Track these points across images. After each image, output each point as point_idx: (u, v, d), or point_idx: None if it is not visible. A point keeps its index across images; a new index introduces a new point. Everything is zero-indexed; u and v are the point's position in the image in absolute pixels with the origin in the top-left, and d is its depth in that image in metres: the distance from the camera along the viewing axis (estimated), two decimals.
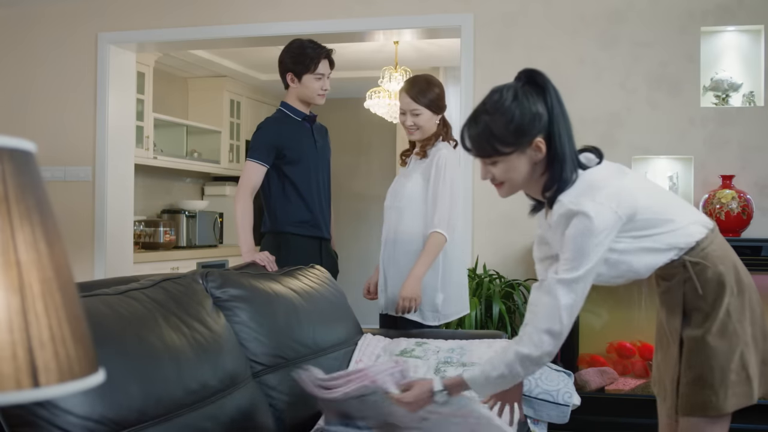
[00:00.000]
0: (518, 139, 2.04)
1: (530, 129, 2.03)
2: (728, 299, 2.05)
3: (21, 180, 0.88)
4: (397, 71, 6.51)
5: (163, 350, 1.99)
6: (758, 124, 4.56)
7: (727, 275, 2.07)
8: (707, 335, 2.04)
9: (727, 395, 2.02)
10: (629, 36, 4.72)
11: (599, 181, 2.07)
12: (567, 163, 2.06)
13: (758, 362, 2.06)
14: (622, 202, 2.02)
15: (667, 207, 2.14)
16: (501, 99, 2.07)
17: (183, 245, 6.99)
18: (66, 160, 5.55)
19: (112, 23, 5.54)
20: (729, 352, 2.03)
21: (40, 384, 0.84)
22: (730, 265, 2.09)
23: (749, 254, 4.19)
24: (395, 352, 3.07)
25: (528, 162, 2.07)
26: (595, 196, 2.01)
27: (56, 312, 0.88)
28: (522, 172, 2.09)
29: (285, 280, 2.98)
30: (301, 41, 3.74)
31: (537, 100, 2.06)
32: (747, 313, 2.07)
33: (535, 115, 2.04)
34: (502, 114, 2.04)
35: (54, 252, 0.91)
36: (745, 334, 2.05)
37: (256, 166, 3.61)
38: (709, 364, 2.04)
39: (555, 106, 2.06)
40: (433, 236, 3.44)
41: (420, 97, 3.56)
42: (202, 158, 7.60)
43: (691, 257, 2.08)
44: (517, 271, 4.78)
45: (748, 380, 2.03)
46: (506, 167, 2.09)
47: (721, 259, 2.09)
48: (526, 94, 2.06)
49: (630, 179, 2.16)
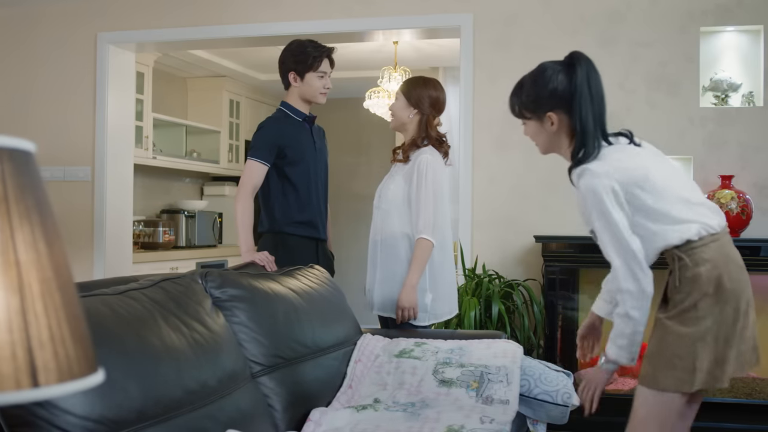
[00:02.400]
0: (535, 110, 2.43)
1: (544, 104, 2.40)
2: (697, 297, 2.26)
3: (20, 180, 0.88)
4: (396, 71, 6.51)
5: (162, 350, 1.99)
6: (757, 125, 4.56)
7: (704, 277, 2.26)
8: (668, 320, 2.30)
9: (666, 375, 2.27)
10: (628, 36, 4.72)
11: (607, 155, 2.34)
12: (588, 138, 2.34)
13: (710, 360, 2.25)
14: (623, 169, 2.29)
15: (674, 199, 2.32)
16: (535, 73, 2.46)
17: (182, 245, 6.99)
18: (65, 160, 5.55)
19: (111, 23, 5.54)
20: (681, 340, 2.26)
21: (39, 384, 0.84)
22: (715, 270, 2.27)
23: (748, 254, 4.19)
24: (394, 353, 3.08)
25: (545, 130, 2.45)
26: (598, 166, 2.30)
27: (56, 312, 0.88)
28: (542, 137, 2.47)
29: (284, 280, 2.98)
30: (300, 41, 3.75)
31: (564, 80, 2.38)
32: (716, 315, 2.25)
33: (552, 92, 2.39)
34: (530, 86, 2.45)
35: (53, 252, 0.91)
36: (705, 331, 2.25)
37: (257, 165, 3.60)
38: (661, 344, 2.30)
39: (582, 86, 2.36)
40: (420, 243, 3.47)
41: (403, 84, 3.69)
42: (202, 158, 7.60)
43: (679, 252, 2.30)
44: (516, 271, 4.78)
45: (692, 370, 2.24)
46: (531, 131, 2.50)
47: (708, 262, 2.27)
48: (556, 73, 2.40)
49: (650, 160, 2.39)
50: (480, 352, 3.03)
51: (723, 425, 4.10)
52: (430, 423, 2.51)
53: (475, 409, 2.68)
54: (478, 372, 2.90)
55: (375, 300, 3.64)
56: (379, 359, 3.07)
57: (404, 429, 2.47)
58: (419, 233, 3.46)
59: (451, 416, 2.58)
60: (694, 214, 2.32)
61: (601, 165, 2.31)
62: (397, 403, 2.77)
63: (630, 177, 2.30)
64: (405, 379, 2.92)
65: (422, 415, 2.62)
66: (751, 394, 4.15)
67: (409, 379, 2.91)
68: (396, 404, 2.76)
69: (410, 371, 2.94)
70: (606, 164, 2.31)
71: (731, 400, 4.14)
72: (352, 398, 2.87)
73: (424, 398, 2.81)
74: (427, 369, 2.94)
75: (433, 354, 3.03)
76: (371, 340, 3.23)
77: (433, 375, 2.92)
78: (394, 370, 2.98)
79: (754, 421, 4.10)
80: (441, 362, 2.97)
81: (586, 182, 2.30)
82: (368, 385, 2.95)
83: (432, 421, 2.53)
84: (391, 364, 3.01)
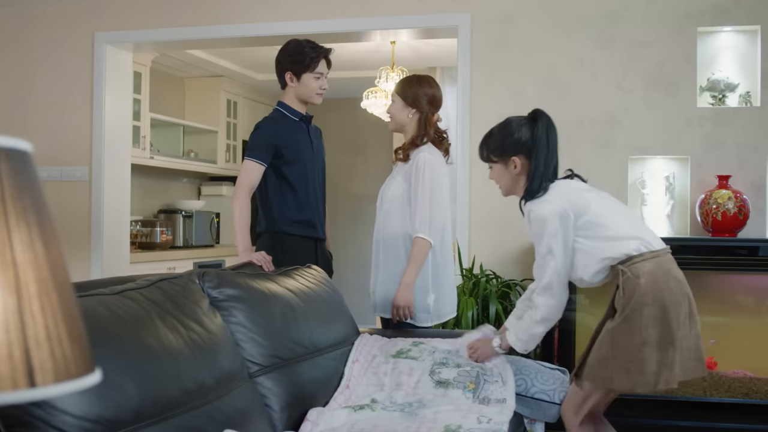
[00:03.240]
0: (501, 154, 2.89)
1: (509, 149, 2.86)
2: (640, 305, 2.58)
3: (17, 180, 0.88)
4: (393, 71, 6.51)
5: (159, 350, 1.99)
6: (755, 125, 4.56)
7: (645, 288, 2.59)
8: (617, 329, 2.62)
9: (621, 378, 2.60)
10: (626, 36, 4.73)
11: (556, 187, 2.79)
12: (537, 179, 2.79)
13: (657, 362, 2.56)
14: (572, 200, 2.73)
15: (614, 220, 2.74)
16: (503, 125, 2.91)
17: (179, 245, 6.98)
18: (62, 160, 5.55)
19: (108, 23, 5.54)
20: (630, 346, 2.58)
21: (36, 384, 0.84)
22: (652, 282, 2.60)
23: (746, 254, 4.20)
24: (391, 353, 3.08)
25: (508, 172, 2.89)
26: (548, 197, 2.76)
27: (53, 312, 0.88)
28: (506, 179, 2.91)
29: (282, 280, 2.98)
30: (298, 41, 3.75)
31: (527, 132, 2.83)
32: (657, 322, 2.56)
33: (517, 141, 2.84)
34: (497, 135, 2.91)
35: (50, 252, 0.90)
36: (649, 337, 2.56)
37: (255, 165, 3.60)
38: (612, 351, 2.61)
39: (541, 138, 2.80)
40: (416, 242, 3.47)
41: (398, 85, 3.68)
42: (199, 158, 7.59)
43: (622, 266, 2.65)
44: (513, 271, 4.78)
45: (640, 372, 2.56)
46: (496, 173, 2.95)
47: (647, 275, 2.60)
48: (521, 126, 2.85)
49: (592, 193, 2.82)
50: None
51: (720, 425, 4.11)
52: (427, 423, 2.51)
53: (472, 409, 2.69)
54: (474, 372, 2.90)
55: (377, 301, 3.65)
56: (376, 359, 3.07)
57: (401, 429, 2.47)
58: (416, 232, 3.46)
59: (448, 416, 2.59)
60: (634, 233, 2.70)
61: (550, 196, 2.76)
62: (394, 403, 2.77)
63: (575, 203, 2.73)
64: (402, 380, 2.92)
65: (419, 415, 2.62)
66: (748, 394, 4.15)
67: (406, 380, 2.91)
68: (393, 404, 2.76)
69: (407, 372, 2.94)
70: (554, 195, 2.76)
71: (728, 399, 4.14)
72: (349, 398, 2.87)
73: (422, 398, 2.81)
74: (423, 369, 2.94)
75: (429, 354, 3.03)
76: (369, 340, 3.23)
77: (430, 376, 2.92)
78: (391, 370, 2.98)
79: (751, 421, 4.10)
80: (438, 362, 2.97)
81: (536, 210, 2.74)
82: (365, 386, 2.95)
83: (429, 421, 2.53)
84: (388, 365, 3.01)
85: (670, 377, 2.56)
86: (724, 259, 4.23)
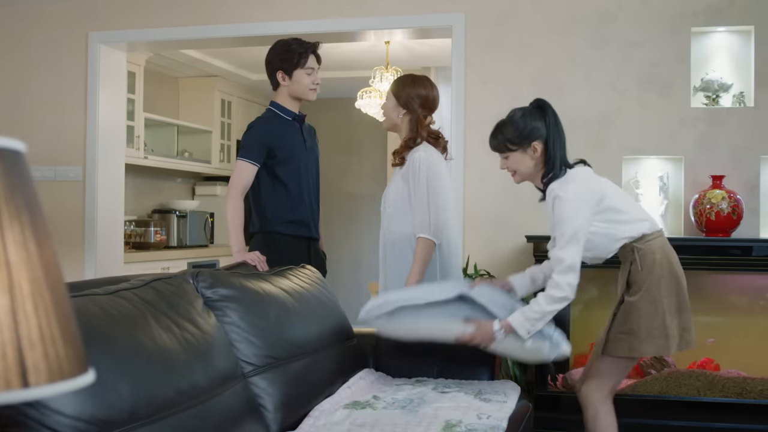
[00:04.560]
0: (520, 142, 2.99)
1: (528, 136, 2.98)
2: (658, 277, 2.89)
3: (10, 180, 0.88)
4: (388, 71, 6.51)
5: (153, 350, 1.99)
6: (748, 125, 4.57)
7: (660, 261, 2.91)
8: (639, 300, 2.90)
9: (648, 344, 2.90)
10: (620, 36, 4.74)
11: (577, 175, 2.98)
12: (557, 162, 2.97)
13: (677, 327, 2.90)
14: (592, 187, 2.94)
15: (626, 204, 3.01)
16: (513, 115, 3.04)
17: (174, 245, 6.97)
18: (56, 160, 5.54)
19: (102, 23, 5.53)
20: (654, 314, 2.88)
21: (29, 384, 0.84)
22: (665, 257, 2.94)
23: (740, 254, 4.20)
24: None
25: (528, 158, 3.01)
26: (572, 182, 2.93)
27: (46, 312, 0.88)
28: (526, 164, 3.02)
29: (276, 280, 2.98)
30: (285, 40, 3.77)
31: (538, 119, 2.99)
32: (673, 291, 2.91)
33: (534, 127, 2.98)
34: (512, 124, 3.01)
35: (44, 252, 0.90)
36: (669, 305, 2.89)
37: (247, 165, 3.60)
38: (638, 321, 2.89)
39: (552, 124, 2.99)
40: (419, 242, 3.45)
41: (393, 84, 3.67)
42: (193, 158, 7.58)
43: (637, 244, 2.93)
44: (507, 271, 4.77)
45: (665, 337, 2.88)
46: (514, 161, 3.04)
47: (659, 251, 2.93)
48: (530, 113, 3.02)
49: (602, 180, 3.05)
50: None
51: (714, 425, 4.12)
52: (428, 419, 2.56)
53: (473, 406, 2.74)
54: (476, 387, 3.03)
55: None
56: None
57: (402, 423, 2.51)
58: (417, 232, 3.45)
59: (448, 413, 2.63)
60: (643, 216, 3.01)
61: (573, 178, 2.95)
62: (396, 400, 2.82)
63: (595, 187, 2.95)
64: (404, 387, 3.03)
65: (420, 411, 2.66)
66: (742, 394, 4.16)
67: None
68: (395, 401, 2.81)
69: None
70: (577, 178, 2.95)
71: (723, 399, 4.15)
72: (350, 397, 2.90)
73: (423, 397, 2.87)
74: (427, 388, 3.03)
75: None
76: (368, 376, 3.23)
77: (433, 390, 3.00)
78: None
79: (745, 420, 4.11)
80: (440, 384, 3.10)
81: (564, 191, 2.88)
82: (367, 387, 3.02)
83: (430, 417, 2.58)
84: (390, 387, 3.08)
85: (689, 338, 2.94)
86: (717, 259, 4.24)
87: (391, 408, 2.72)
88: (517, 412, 2.85)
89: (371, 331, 3.48)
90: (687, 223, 4.58)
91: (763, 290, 4.50)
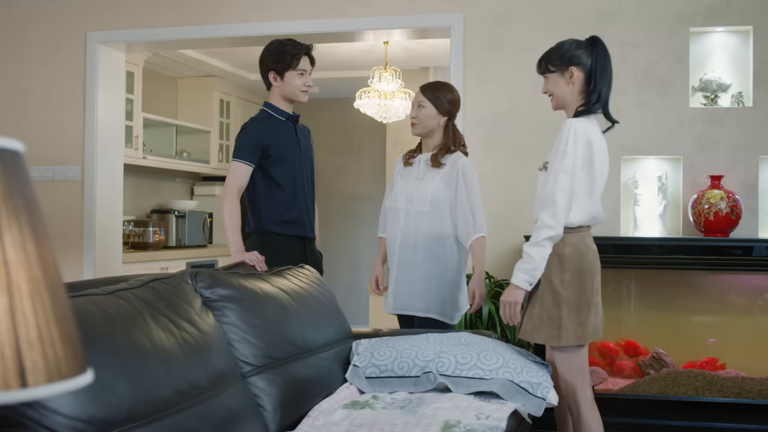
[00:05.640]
0: (560, 64, 3.05)
1: (567, 60, 3.03)
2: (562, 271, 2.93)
3: (9, 180, 0.88)
4: (386, 71, 6.51)
5: (152, 350, 1.98)
6: (747, 125, 4.57)
7: (570, 256, 2.94)
8: (542, 289, 2.96)
9: (540, 331, 2.96)
10: (618, 36, 4.73)
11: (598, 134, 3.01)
12: (598, 97, 3.01)
13: (573, 322, 2.92)
14: (598, 153, 2.95)
15: (587, 189, 2.96)
16: (564, 41, 3.11)
17: (172, 245, 6.97)
18: (55, 160, 5.53)
19: (101, 23, 5.53)
20: (551, 304, 2.93)
21: (28, 384, 0.84)
22: (576, 252, 2.95)
23: (740, 254, 4.20)
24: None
25: (564, 83, 3.05)
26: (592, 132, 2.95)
27: (44, 312, 0.88)
28: (560, 88, 3.06)
29: (274, 280, 2.98)
30: (279, 40, 3.76)
31: (585, 50, 3.03)
32: (576, 286, 2.92)
33: (574, 55, 3.03)
34: (556, 49, 3.09)
35: (42, 252, 0.90)
36: (569, 299, 2.91)
37: (242, 166, 3.60)
38: (539, 308, 2.96)
39: (599, 58, 3.03)
40: (481, 241, 3.62)
41: (428, 91, 3.74)
42: (192, 158, 7.58)
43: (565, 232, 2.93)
44: (506, 271, 4.78)
45: (558, 328, 2.93)
46: (551, 83, 3.09)
47: (572, 246, 2.95)
48: (580, 44, 3.06)
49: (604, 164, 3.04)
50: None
51: (712, 425, 4.12)
52: (426, 419, 2.56)
53: (472, 406, 2.73)
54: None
55: (397, 301, 3.68)
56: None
57: (401, 423, 2.51)
58: (477, 232, 3.61)
59: (447, 413, 2.64)
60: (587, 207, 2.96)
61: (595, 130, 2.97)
62: (395, 400, 2.83)
63: (598, 156, 2.95)
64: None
65: (419, 411, 2.67)
66: (740, 394, 4.16)
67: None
68: (394, 401, 2.82)
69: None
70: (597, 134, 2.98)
71: (721, 399, 4.16)
72: (350, 397, 2.90)
73: (422, 397, 2.88)
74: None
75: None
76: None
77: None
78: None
79: (743, 420, 4.12)
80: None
81: (576, 124, 2.91)
82: None
83: (429, 417, 2.58)
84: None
85: (583, 335, 2.95)
86: (716, 259, 4.24)
87: (390, 408, 2.73)
88: (516, 412, 2.85)
89: (371, 331, 3.48)
90: (686, 223, 4.58)
91: (761, 290, 4.50)
